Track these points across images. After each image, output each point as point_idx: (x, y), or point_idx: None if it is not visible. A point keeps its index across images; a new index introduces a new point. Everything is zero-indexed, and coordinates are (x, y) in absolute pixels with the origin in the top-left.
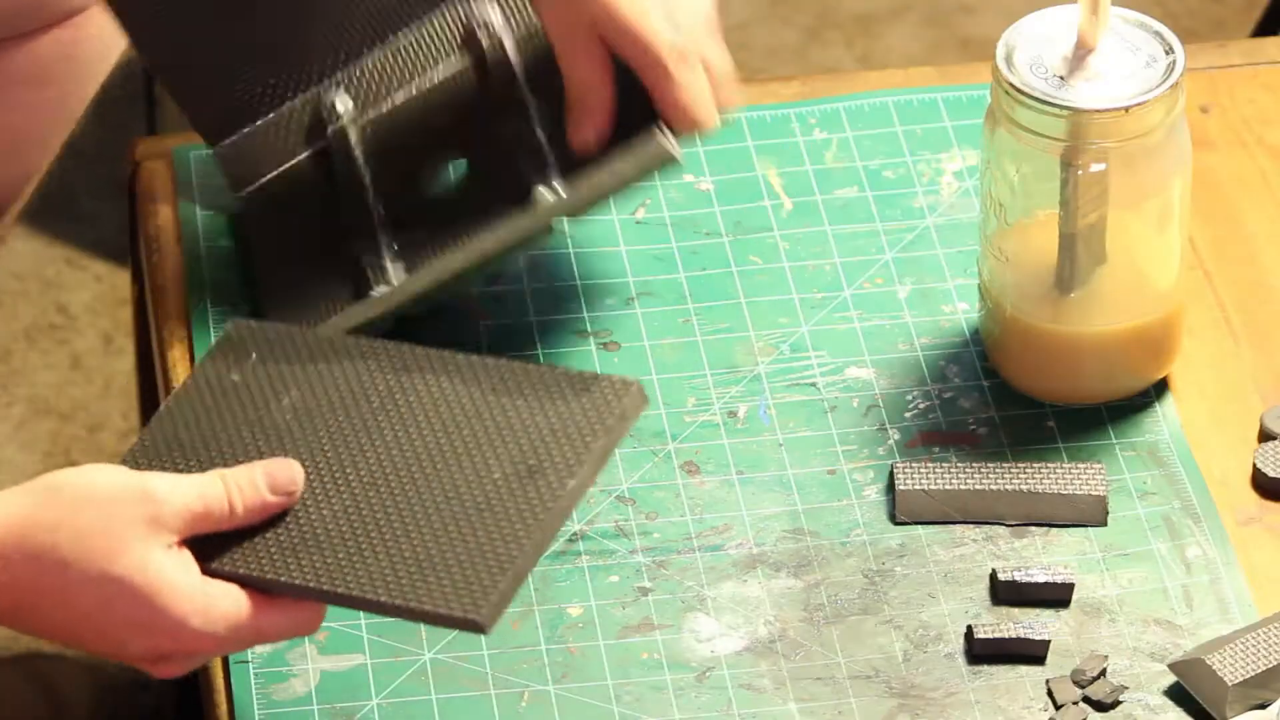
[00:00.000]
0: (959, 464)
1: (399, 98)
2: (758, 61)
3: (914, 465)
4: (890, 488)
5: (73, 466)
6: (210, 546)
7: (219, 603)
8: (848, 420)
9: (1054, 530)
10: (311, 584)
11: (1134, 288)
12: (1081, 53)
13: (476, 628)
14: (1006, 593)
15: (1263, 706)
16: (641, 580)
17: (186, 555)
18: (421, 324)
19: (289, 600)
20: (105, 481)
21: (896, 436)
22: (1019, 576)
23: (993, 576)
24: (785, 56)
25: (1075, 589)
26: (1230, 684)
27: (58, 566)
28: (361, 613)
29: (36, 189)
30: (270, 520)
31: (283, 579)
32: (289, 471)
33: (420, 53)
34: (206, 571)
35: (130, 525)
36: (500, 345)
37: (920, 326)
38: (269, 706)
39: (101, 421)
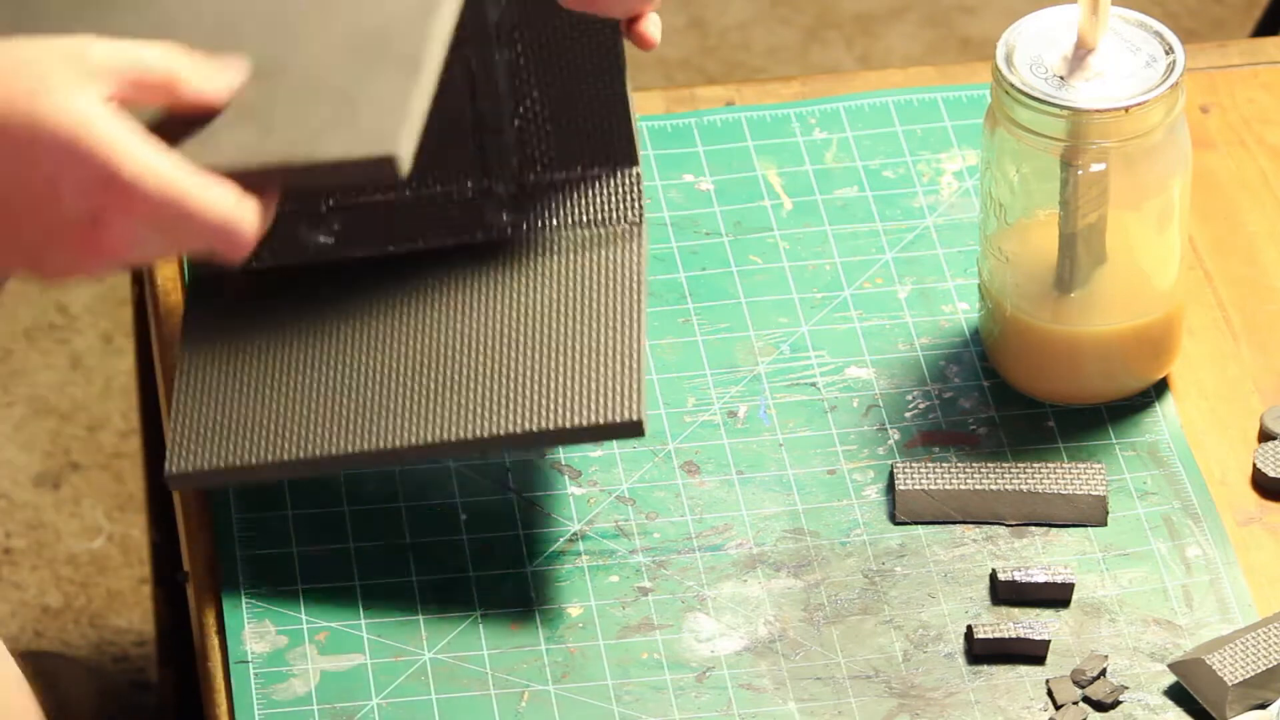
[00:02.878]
0: (959, 464)
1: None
2: (758, 61)
3: (914, 465)
4: (890, 488)
5: (71, 466)
6: None
7: (163, 158)
8: (848, 420)
9: (1054, 530)
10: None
11: (1134, 288)
12: (1081, 53)
13: None
14: (1006, 593)
15: (1263, 706)
16: (641, 580)
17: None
18: None
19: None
20: (9, 42)
21: (896, 436)
22: (1019, 576)
23: (993, 576)
24: (785, 56)
25: (1075, 589)
26: (1230, 684)
27: None
28: (361, 609)
29: None
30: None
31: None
32: (232, 66)
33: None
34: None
35: (51, 69)
36: None
37: (920, 326)
38: (269, 706)
39: (101, 421)
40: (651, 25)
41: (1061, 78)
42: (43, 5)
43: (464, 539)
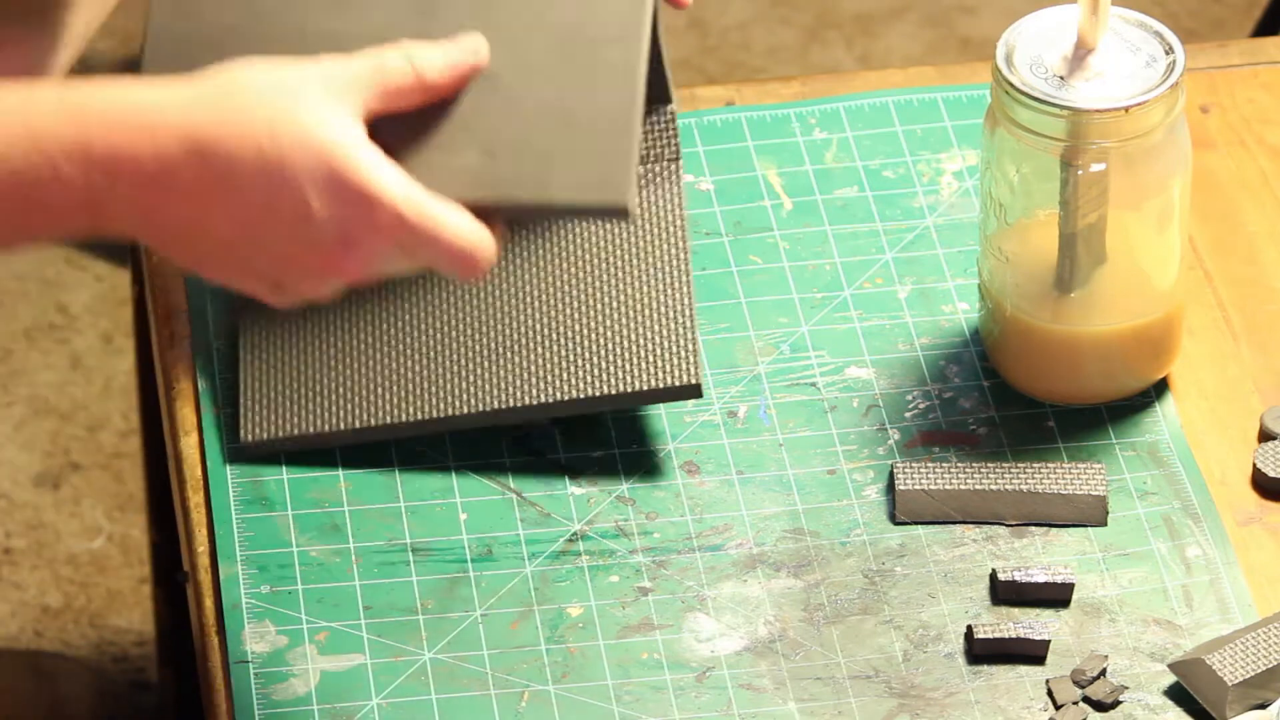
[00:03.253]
0: (959, 464)
1: None
2: (758, 61)
3: (914, 465)
4: (890, 488)
5: (71, 466)
6: None
7: (408, 182)
8: (848, 420)
9: (1054, 530)
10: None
11: (1134, 288)
12: (1081, 53)
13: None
14: (1006, 593)
15: (1263, 706)
16: (641, 580)
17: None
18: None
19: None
20: (264, 65)
21: (896, 436)
22: (1019, 576)
23: (993, 576)
24: (785, 56)
25: (1075, 589)
26: (1230, 684)
27: (224, 159)
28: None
29: None
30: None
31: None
32: (470, 38)
33: None
34: None
35: (304, 89)
36: None
37: (920, 326)
38: (269, 706)
39: (101, 421)
40: None
41: (1061, 78)
42: (247, 21)
43: (464, 539)
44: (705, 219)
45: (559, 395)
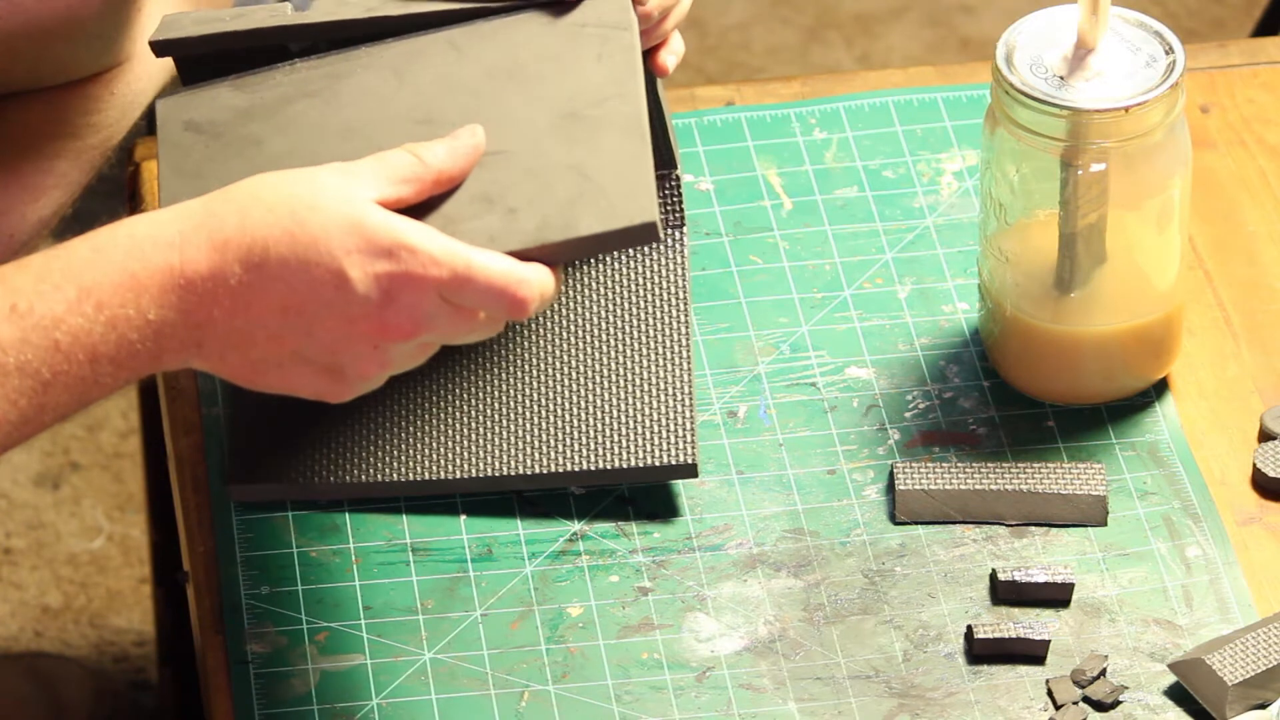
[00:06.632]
0: (959, 464)
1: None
2: (758, 61)
3: (914, 465)
4: (890, 488)
5: (71, 466)
6: None
7: (437, 233)
8: (848, 420)
9: (1054, 530)
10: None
11: (1134, 288)
12: (1081, 53)
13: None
14: (1006, 593)
15: (1263, 706)
16: (641, 580)
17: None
18: None
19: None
20: (273, 174)
21: (896, 436)
22: (1019, 576)
23: (993, 576)
24: (785, 56)
25: (1075, 589)
26: (1230, 684)
27: (260, 251)
28: (361, 611)
29: None
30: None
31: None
32: (466, 128)
33: None
34: None
35: (316, 177)
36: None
37: (920, 326)
38: (269, 706)
39: (101, 421)
40: (668, 55)
41: (1061, 78)
42: (266, 140)
43: (464, 539)
44: (705, 219)
45: (554, 467)
